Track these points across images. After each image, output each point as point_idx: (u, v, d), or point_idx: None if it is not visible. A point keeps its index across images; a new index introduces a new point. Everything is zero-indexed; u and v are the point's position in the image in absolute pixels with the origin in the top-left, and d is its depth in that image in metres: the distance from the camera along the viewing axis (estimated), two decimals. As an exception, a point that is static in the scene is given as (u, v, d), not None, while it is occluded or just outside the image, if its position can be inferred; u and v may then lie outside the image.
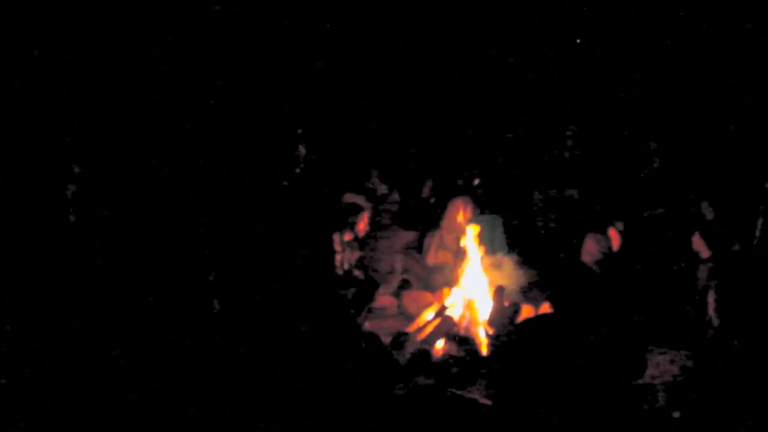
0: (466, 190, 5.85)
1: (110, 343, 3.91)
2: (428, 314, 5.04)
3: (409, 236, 5.80)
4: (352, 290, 4.86)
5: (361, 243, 5.26)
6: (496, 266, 4.94)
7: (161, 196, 4.77)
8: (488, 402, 3.62)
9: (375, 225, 5.39)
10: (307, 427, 3.34)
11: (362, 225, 5.10)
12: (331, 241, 4.66)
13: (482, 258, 5.16)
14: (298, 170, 5.46)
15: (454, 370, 4.19)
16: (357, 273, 5.05)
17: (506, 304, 4.86)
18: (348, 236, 4.92)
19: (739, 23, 5.73)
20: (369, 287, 5.13)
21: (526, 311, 4.87)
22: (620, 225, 4.64)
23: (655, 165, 5.47)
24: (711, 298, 3.95)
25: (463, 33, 6.68)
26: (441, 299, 5.16)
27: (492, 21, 6.66)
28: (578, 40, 6.71)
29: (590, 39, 6.66)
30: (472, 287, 5.05)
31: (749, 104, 5.59)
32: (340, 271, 4.78)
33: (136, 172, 4.87)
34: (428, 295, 5.28)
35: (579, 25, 6.68)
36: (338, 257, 4.77)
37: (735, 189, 5.02)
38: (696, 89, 5.92)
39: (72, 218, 4.56)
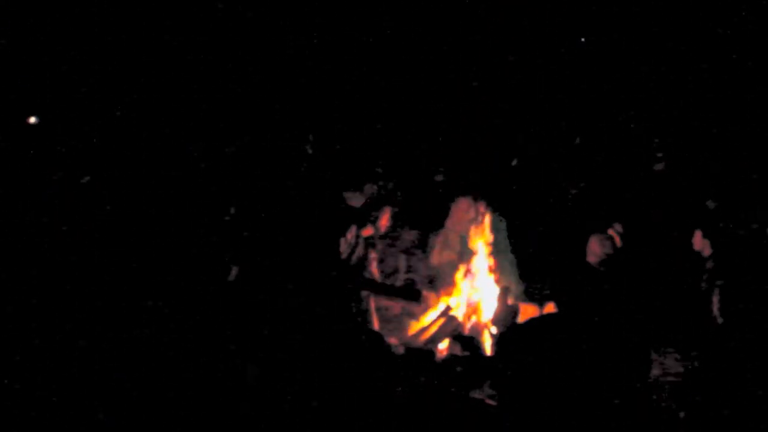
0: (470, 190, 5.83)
1: (116, 340, 3.92)
2: (432, 314, 5.04)
3: (413, 236, 5.80)
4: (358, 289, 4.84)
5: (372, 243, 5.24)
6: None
7: (173, 193, 4.81)
8: (493, 402, 3.62)
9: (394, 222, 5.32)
10: (310, 427, 3.34)
11: (384, 221, 5.04)
12: (337, 240, 4.65)
13: (486, 258, 5.16)
14: (304, 167, 5.48)
15: (459, 370, 4.18)
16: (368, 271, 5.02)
17: (510, 302, 4.87)
18: (369, 231, 4.87)
19: (741, 24, 5.72)
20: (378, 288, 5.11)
21: (531, 311, 4.87)
22: (618, 227, 4.63)
23: (660, 165, 5.46)
24: (715, 297, 3.93)
25: (468, 33, 6.67)
26: (445, 299, 5.16)
27: (496, 20, 6.66)
28: (582, 39, 6.70)
29: (594, 38, 6.66)
30: (477, 287, 5.05)
31: (752, 103, 5.59)
32: (348, 267, 4.73)
33: (148, 172, 4.91)
34: (432, 295, 5.27)
35: (582, 24, 6.68)
36: (349, 252, 4.70)
37: (737, 188, 5.01)
38: (701, 88, 5.91)
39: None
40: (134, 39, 5.73)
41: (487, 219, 5.40)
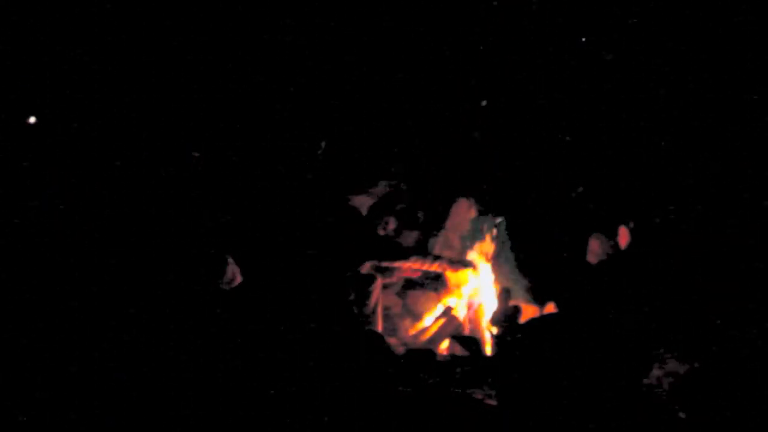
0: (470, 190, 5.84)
1: (115, 341, 3.93)
2: (433, 314, 5.04)
3: (414, 236, 5.80)
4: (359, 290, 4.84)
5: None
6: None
7: (173, 193, 4.82)
8: (493, 402, 3.62)
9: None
10: (311, 427, 3.35)
11: (391, 224, 5.11)
12: (339, 240, 4.66)
13: (486, 259, 5.17)
14: (313, 168, 5.51)
15: (459, 370, 4.19)
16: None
17: (511, 304, 4.87)
18: (383, 232, 4.93)
19: (742, 24, 5.71)
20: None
21: (531, 312, 4.87)
22: (632, 224, 4.63)
23: (662, 165, 5.46)
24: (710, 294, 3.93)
25: (470, 33, 6.68)
26: (446, 299, 5.16)
27: (497, 20, 6.66)
28: (583, 39, 6.69)
29: (595, 37, 6.65)
30: (477, 288, 5.05)
31: (754, 104, 5.58)
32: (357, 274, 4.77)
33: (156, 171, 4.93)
34: (433, 295, 5.28)
35: (583, 23, 6.67)
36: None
37: (738, 187, 5.00)
38: (704, 89, 5.90)
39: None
40: (144, 39, 5.73)
41: (488, 219, 5.41)
